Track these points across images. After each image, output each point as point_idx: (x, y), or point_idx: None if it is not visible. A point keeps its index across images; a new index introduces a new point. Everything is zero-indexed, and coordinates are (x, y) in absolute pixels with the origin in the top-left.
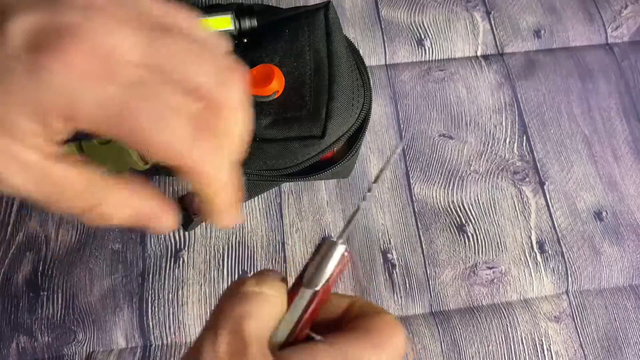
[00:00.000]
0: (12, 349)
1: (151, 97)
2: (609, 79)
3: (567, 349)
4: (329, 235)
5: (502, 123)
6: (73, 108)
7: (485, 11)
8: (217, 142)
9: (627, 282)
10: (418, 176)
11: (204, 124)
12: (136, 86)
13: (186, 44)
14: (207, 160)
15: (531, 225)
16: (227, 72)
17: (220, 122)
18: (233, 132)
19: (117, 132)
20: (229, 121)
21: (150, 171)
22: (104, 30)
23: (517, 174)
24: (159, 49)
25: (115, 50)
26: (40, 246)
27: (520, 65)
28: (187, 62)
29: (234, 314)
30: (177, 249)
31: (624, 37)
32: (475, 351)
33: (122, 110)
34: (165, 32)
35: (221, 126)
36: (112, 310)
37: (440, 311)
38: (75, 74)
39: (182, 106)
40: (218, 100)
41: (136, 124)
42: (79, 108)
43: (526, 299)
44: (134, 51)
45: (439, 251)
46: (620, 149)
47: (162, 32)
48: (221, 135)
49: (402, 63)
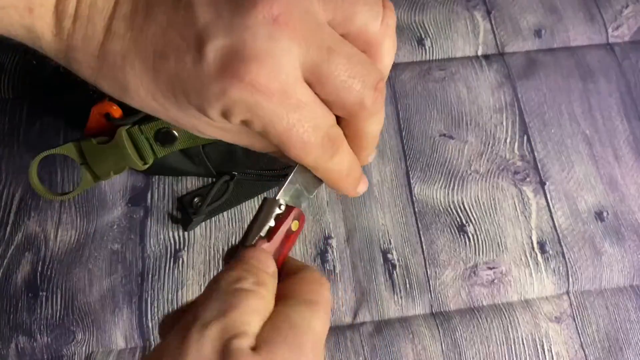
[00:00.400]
0: (12, 350)
1: (309, 119)
2: (609, 78)
3: (568, 350)
4: None
5: (502, 123)
6: (251, 116)
7: (485, 11)
8: (351, 157)
9: (628, 283)
10: (418, 176)
11: (339, 144)
12: (300, 108)
13: (349, 59)
14: (336, 170)
15: (532, 225)
16: (377, 83)
17: (358, 140)
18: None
19: (275, 141)
20: (371, 125)
21: (149, 171)
22: (285, 54)
23: (518, 174)
24: (325, 69)
25: (292, 73)
26: (39, 246)
27: (521, 65)
28: (349, 77)
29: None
30: (177, 249)
31: (625, 36)
32: (476, 352)
33: (285, 128)
34: (335, 47)
35: (358, 144)
36: (112, 310)
37: (441, 312)
38: (258, 93)
39: (327, 122)
40: (369, 109)
41: (290, 141)
42: (253, 118)
43: (527, 300)
44: (304, 70)
45: (440, 251)
46: (621, 149)
47: (330, 48)
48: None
49: (402, 63)
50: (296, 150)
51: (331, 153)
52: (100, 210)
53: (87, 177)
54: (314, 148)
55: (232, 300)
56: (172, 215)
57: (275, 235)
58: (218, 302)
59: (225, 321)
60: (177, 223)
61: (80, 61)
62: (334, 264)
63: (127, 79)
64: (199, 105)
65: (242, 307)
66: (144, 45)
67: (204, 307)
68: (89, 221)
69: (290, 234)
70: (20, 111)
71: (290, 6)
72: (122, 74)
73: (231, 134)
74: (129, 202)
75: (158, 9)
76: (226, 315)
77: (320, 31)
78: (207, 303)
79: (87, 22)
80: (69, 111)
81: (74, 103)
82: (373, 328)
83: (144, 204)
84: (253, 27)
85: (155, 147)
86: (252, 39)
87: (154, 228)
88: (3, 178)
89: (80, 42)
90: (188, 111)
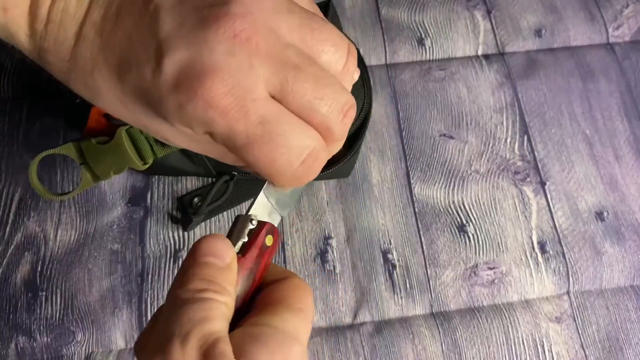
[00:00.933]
0: (11, 350)
1: (272, 138)
2: (610, 78)
3: (568, 350)
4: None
5: (502, 123)
6: (210, 129)
7: (486, 10)
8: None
9: (629, 283)
10: (418, 176)
11: (312, 159)
12: (262, 124)
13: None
14: (300, 182)
15: (532, 225)
16: (347, 109)
17: (326, 157)
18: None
19: (240, 155)
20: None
21: (149, 171)
22: (243, 70)
23: (518, 174)
24: (291, 85)
25: (251, 89)
26: (39, 246)
27: (521, 64)
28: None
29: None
30: (177, 249)
31: (625, 36)
32: (476, 352)
33: (245, 143)
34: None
35: (324, 161)
36: (111, 310)
37: (441, 312)
38: (211, 109)
39: (299, 147)
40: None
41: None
42: (213, 131)
43: (527, 300)
44: (268, 86)
45: (440, 251)
46: (621, 149)
47: (296, 66)
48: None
49: (402, 62)
50: (262, 169)
51: (308, 178)
52: (100, 210)
53: (86, 177)
54: (285, 169)
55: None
56: (172, 215)
57: (249, 252)
58: (190, 312)
59: (202, 330)
60: (177, 223)
61: (52, 63)
62: (334, 264)
63: (97, 84)
64: (161, 116)
65: (212, 314)
66: (111, 52)
67: (177, 321)
68: (88, 221)
69: (265, 250)
70: (20, 111)
71: (255, 23)
72: (92, 80)
73: (201, 144)
74: (129, 202)
75: (126, 16)
76: (201, 324)
77: (286, 50)
78: (177, 316)
79: (59, 27)
80: (69, 111)
81: (74, 103)
82: (373, 328)
83: (144, 204)
84: (212, 41)
85: (155, 147)
86: (210, 54)
87: (154, 228)
88: (3, 178)
89: (52, 45)
90: (155, 119)
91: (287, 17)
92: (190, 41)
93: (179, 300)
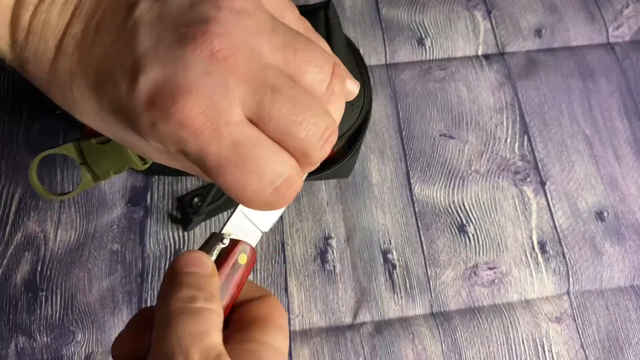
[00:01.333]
0: (11, 350)
1: (245, 162)
2: (610, 78)
3: (568, 350)
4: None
5: (503, 123)
6: (182, 148)
7: (486, 10)
8: (290, 201)
9: (629, 283)
10: (418, 176)
11: (286, 186)
12: (235, 148)
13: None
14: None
15: (532, 225)
16: (328, 135)
17: (300, 184)
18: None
19: (211, 177)
20: (305, 173)
21: (149, 171)
22: (219, 91)
23: (518, 174)
24: (267, 108)
25: (226, 111)
26: (39, 246)
27: (521, 64)
28: (293, 122)
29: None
30: (177, 249)
31: (625, 36)
32: (476, 352)
33: (216, 166)
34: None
35: (299, 188)
36: (111, 310)
37: (441, 312)
38: (184, 129)
39: (272, 173)
40: (310, 160)
41: (225, 180)
42: (186, 150)
43: (527, 300)
44: (244, 108)
45: (440, 251)
46: (621, 149)
47: (274, 88)
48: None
49: (402, 62)
50: (233, 193)
51: (281, 205)
52: (100, 210)
53: (86, 177)
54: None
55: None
56: (172, 215)
57: (220, 270)
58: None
59: (202, 345)
60: (176, 223)
61: (32, 74)
62: (334, 264)
63: (75, 97)
64: (136, 132)
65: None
66: (88, 66)
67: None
68: (88, 221)
69: (239, 268)
70: (20, 111)
71: (234, 43)
72: (70, 92)
73: (177, 161)
74: (129, 202)
75: (106, 31)
76: (200, 338)
77: (265, 70)
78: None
79: (40, 39)
80: None
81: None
82: (373, 328)
83: (144, 204)
84: (188, 60)
85: None
86: (184, 73)
87: (154, 228)
88: (3, 178)
89: (32, 56)
90: (131, 134)
91: (270, 37)
92: (167, 59)
93: (173, 312)
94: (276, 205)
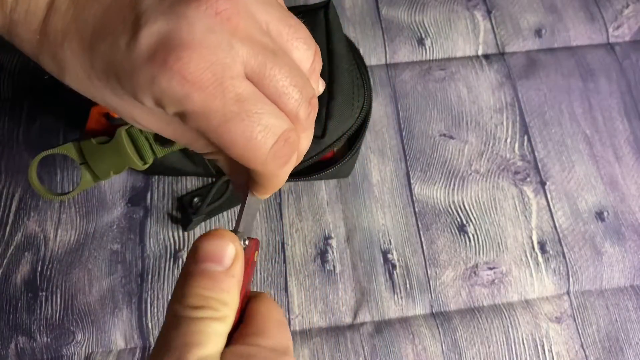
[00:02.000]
0: (11, 350)
1: (249, 115)
2: (610, 78)
3: (569, 350)
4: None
5: (503, 123)
6: (183, 107)
7: (486, 10)
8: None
9: (629, 283)
10: (418, 176)
11: (283, 140)
12: (239, 102)
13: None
14: (277, 171)
15: (532, 225)
16: (314, 102)
17: (297, 141)
18: (301, 149)
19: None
20: (302, 140)
21: (149, 171)
22: (223, 48)
23: (518, 173)
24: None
25: (229, 67)
26: (39, 246)
27: (521, 64)
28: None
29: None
30: (177, 249)
31: (625, 36)
32: (476, 352)
33: (221, 121)
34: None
35: (297, 145)
36: (111, 310)
37: (441, 312)
38: (188, 84)
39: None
40: (300, 125)
41: (230, 136)
42: (186, 109)
43: (527, 300)
44: (246, 68)
45: (440, 251)
46: (621, 149)
47: (274, 52)
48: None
49: (402, 62)
50: (238, 149)
51: (283, 160)
52: (100, 210)
53: (86, 177)
54: (261, 148)
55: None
56: (172, 215)
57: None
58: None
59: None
60: (176, 223)
61: (21, 37)
62: (334, 264)
63: (66, 57)
64: (131, 91)
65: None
66: (84, 23)
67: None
68: (88, 221)
69: (254, 266)
70: (20, 111)
71: (237, 5)
72: (61, 52)
73: (170, 127)
74: (129, 202)
75: None
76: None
77: (265, 36)
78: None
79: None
80: (69, 111)
81: (74, 103)
82: (373, 328)
83: (144, 204)
84: (193, 17)
85: (155, 147)
86: (189, 28)
87: (154, 228)
88: (3, 178)
89: (23, 17)
90: (124, 98)
91: (269, 8)
92: (170, 15)
93: (175, 319)
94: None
